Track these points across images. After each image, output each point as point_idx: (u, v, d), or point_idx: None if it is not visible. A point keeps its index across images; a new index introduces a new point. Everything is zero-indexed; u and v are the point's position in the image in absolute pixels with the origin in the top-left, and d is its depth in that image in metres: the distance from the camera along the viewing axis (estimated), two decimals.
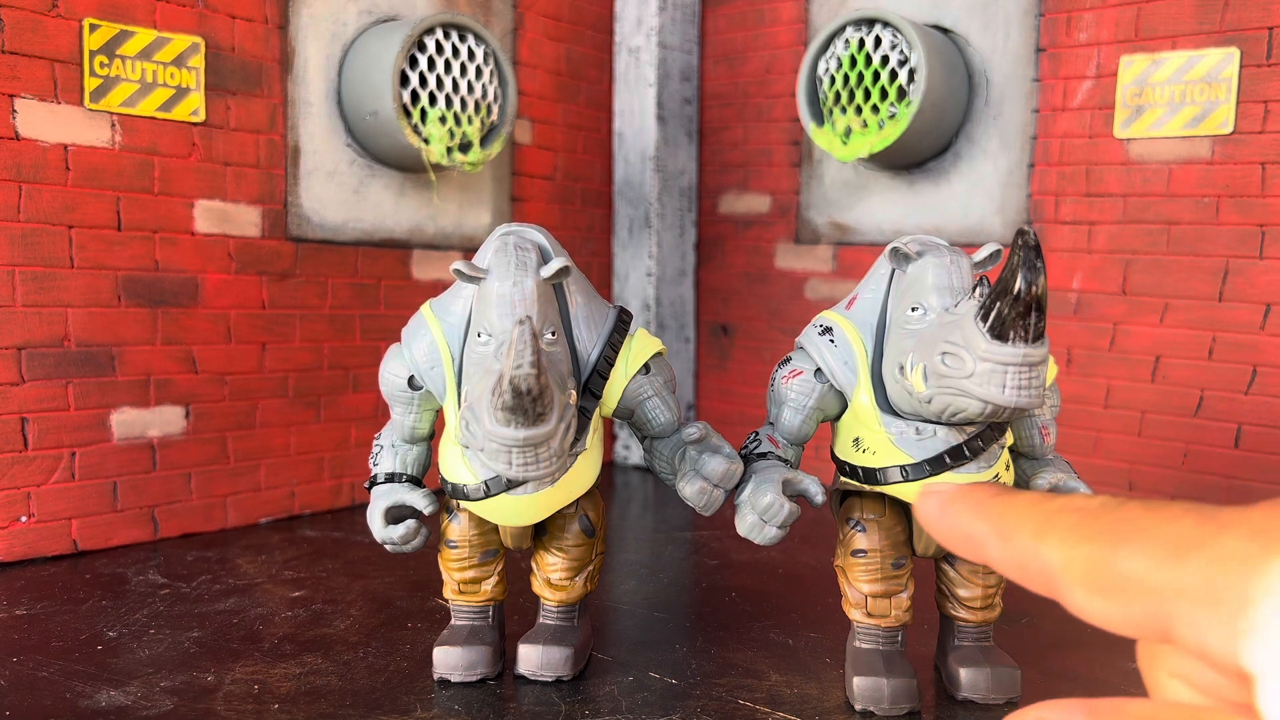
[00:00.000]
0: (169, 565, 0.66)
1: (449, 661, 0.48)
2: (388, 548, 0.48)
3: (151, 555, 0.69)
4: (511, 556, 0.52)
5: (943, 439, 0.42)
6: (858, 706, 0.45)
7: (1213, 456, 0.75)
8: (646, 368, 0.46)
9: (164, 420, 0.72)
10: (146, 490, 0.71)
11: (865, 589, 0.46)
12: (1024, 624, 0.59)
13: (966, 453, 0.42)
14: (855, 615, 0.47)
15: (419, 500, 0.48)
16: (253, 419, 0.77)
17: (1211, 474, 0.75)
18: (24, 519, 0.66)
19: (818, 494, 0.45)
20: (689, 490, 0.45)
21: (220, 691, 0.46)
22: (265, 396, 0.77)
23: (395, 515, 0.48)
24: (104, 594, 0.60)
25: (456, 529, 0.49)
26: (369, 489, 0.49)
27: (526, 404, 0.36)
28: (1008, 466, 0.45)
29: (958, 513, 0.21)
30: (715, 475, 0.45)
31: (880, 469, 0.44)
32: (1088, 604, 0.16)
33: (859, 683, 0.45)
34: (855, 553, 0.46)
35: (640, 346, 0.47)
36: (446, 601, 0.50)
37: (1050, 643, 0.56)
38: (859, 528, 0.46)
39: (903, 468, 0.43)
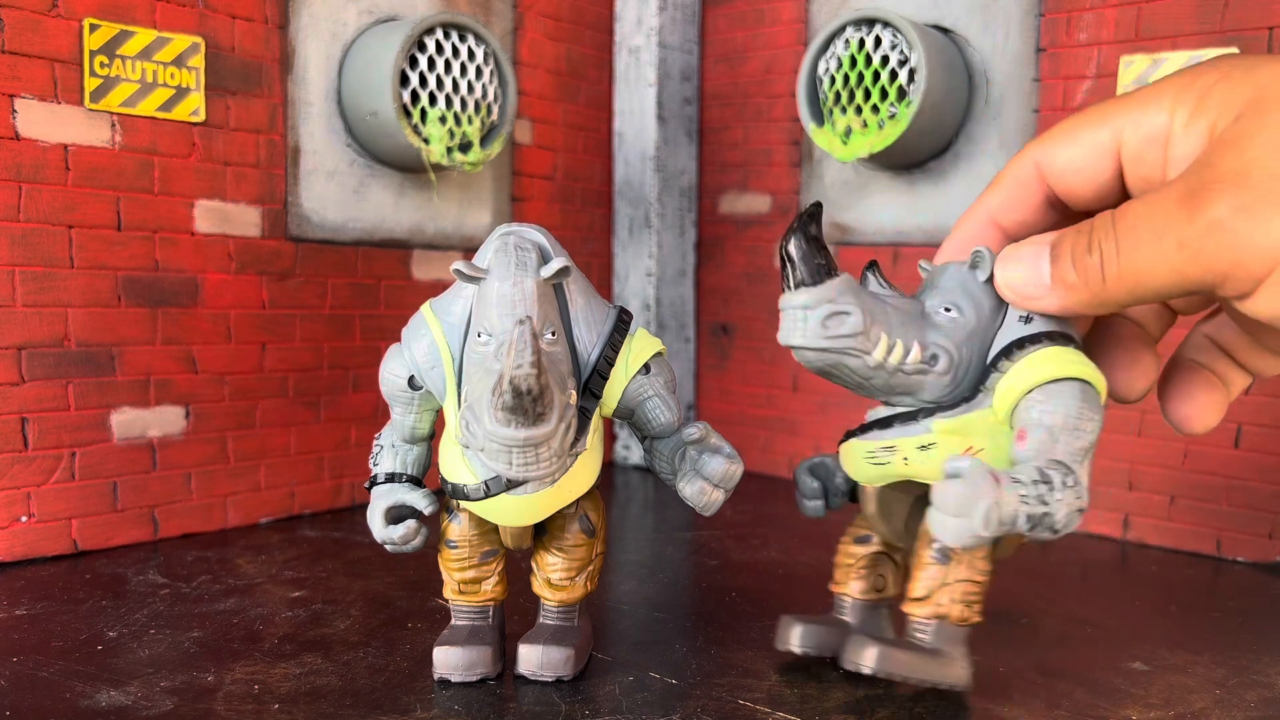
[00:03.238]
0: (169, 565, 0.66)
1: (449, 661, 0.48)
2: (388, 548, 0.48)
3: (151, 555, 0.69)
4: (511, 556, 0.52)
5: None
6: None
7: (1213, 456, 0.75)
8: (647, 368, 0.46)
9: (164, 420, 0.72)
10: (146, 490, 0.71)
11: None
12: (1024, 624, 0.59)
13: None
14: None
15: (419, 500, 0.48)
16: (253, 419, 0.77)
17: (1212, 474, 0.75)
18: (24, 519, 0.66)
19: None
20: (689, 490, 0.45)
21: (220, 691, 0.46)
22: (265, 396, 0.77)
23: (395, 515, 0.48)
24: (104, 594, 0.60)
25: (456, 529, 0.49)
26: (369, 489, 0.49)
27: (527, 404, 0.36)
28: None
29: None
30: (715, 475, 0.45)
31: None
32: None
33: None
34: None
35: (640, 347, 0.46)
36: (446, 601, 0.50)
37: (1050, 643, 0.56)
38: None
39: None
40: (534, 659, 0.47)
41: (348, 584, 0.63)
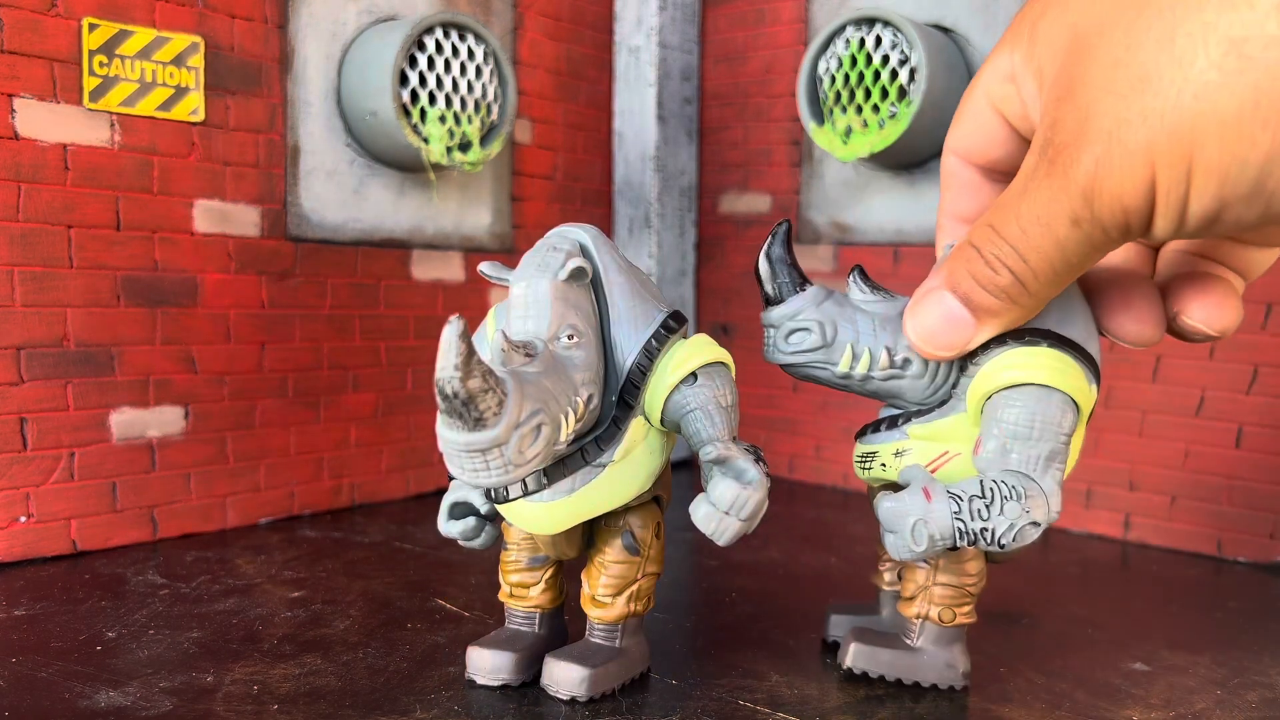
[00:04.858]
0: (168, 565, 0.66)
1: (476, 662, 0.47)
2: (461, 543, 0.48)
3: (151, 555, 0.69)
4: (572, 567, 0.51)
5: None
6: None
7: (1213, 456, 0.75)
8: (694, 377, 0.43)
9: (163, 420, 0.72)
10: (146, 490, 0.71)
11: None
12: (1024, 624, 0.59)
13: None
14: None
15: (477, 499, 0.47)
16: (252, 419, 0.77)
17: (1212, 474, 0.75)
18: (23, 519, 0.66)
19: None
20: (697, 515, 0.42)
21: (220, 692, 0.46)
22: (265, 396, 0.77)
23: (461, 511, 0.47)
24: (103, 594, 0.60)
25: (511, 532, 0.49)
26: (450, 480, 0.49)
27: (457, 408, 0.35)
28: None
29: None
30: (723, 501, 0.41)
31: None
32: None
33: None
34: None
35: (685, 354, 0.44)
36: (503, 604, 0.50)
37: (1050, 643, 0.56)
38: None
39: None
40: (551, 674, 0.46)
41: (347, 584, 0.63)
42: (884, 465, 0.46)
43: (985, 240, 0.38)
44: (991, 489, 0.40)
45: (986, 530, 0.39)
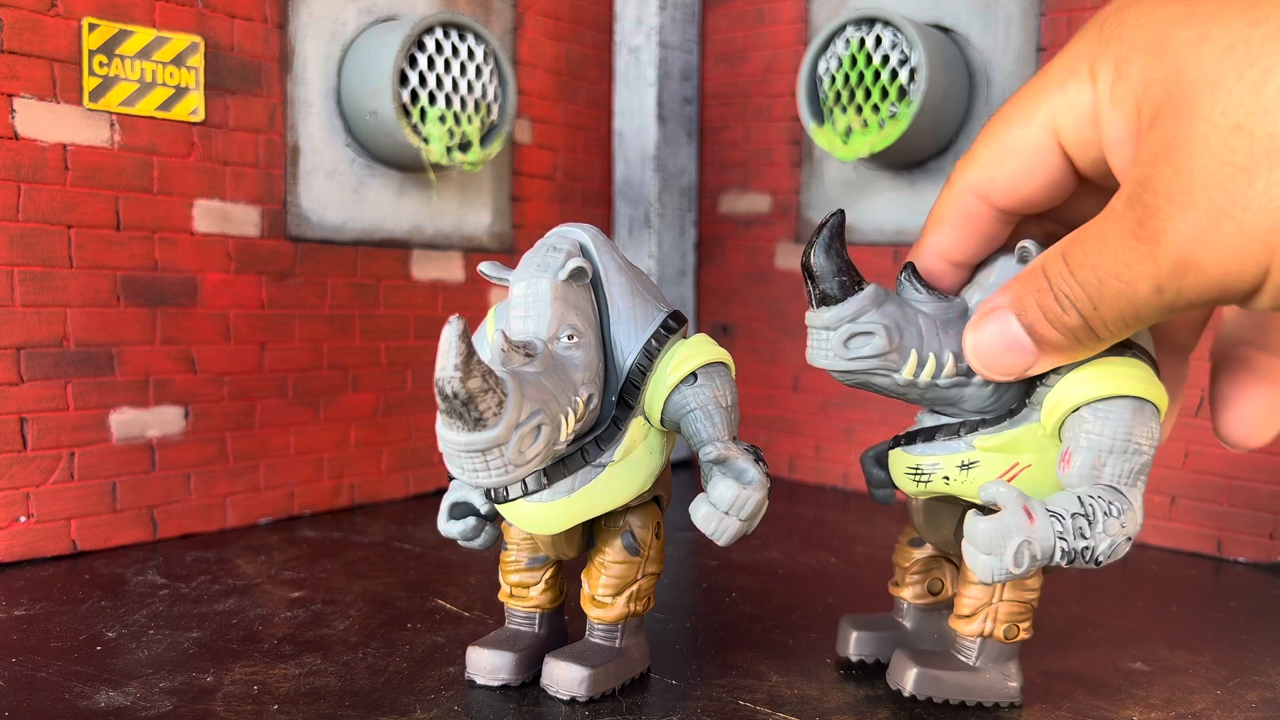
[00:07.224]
0: (168, 566, 0.66)
1: (476, 662, 0.47)
2: (461, 543, 0.48)
3: (151, 556, 0.69)
4: (572, 567, 0.51)
5: None
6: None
7: (1213, 456, 0.75)
8: (694, 377, 0.43)
9: (163, 420, 0.72)
10: (146, 490, 0.71)
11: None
12: None
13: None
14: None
15: (477, 499, 0.47)
16: (252, 419, 0.77)
17: (1212, 474, 0.75)
18: (23, 519, 0.66)
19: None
20: (696, 516, 0.42)
21: (219, 692, 0.46)
22: (264, 396, 0.77)
23: (461, 511, 0.47)
24: (103, 594, 0.60)
25: (511, 533, 0.49)
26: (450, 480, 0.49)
27: (457, 408, 0.35)
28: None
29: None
30: (723, 501, 0.41)
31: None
32: None
33: None
34: None
35: (685, 354, 0.44)
36: (503, 604, 0.50)
37: (1051, 643, 0.56)
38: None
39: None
40: (550, 674, 0.46)
41: (347, 584, 0.63)
42: (947, 479, 0.43)
43: (1058, 275, 0.35)
44: (1091, 505, 0.38)
45: (1088, 549, 0.37)
